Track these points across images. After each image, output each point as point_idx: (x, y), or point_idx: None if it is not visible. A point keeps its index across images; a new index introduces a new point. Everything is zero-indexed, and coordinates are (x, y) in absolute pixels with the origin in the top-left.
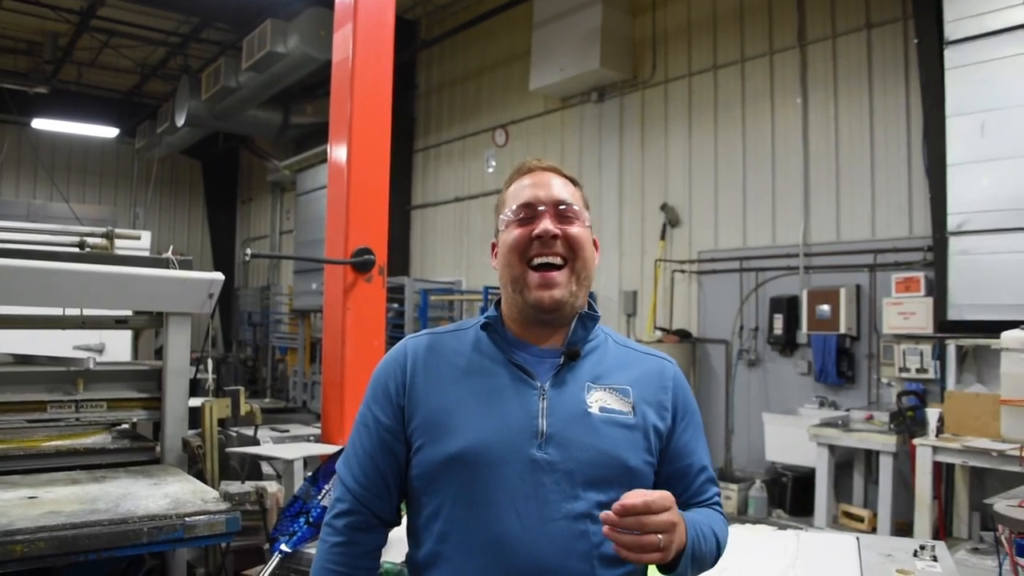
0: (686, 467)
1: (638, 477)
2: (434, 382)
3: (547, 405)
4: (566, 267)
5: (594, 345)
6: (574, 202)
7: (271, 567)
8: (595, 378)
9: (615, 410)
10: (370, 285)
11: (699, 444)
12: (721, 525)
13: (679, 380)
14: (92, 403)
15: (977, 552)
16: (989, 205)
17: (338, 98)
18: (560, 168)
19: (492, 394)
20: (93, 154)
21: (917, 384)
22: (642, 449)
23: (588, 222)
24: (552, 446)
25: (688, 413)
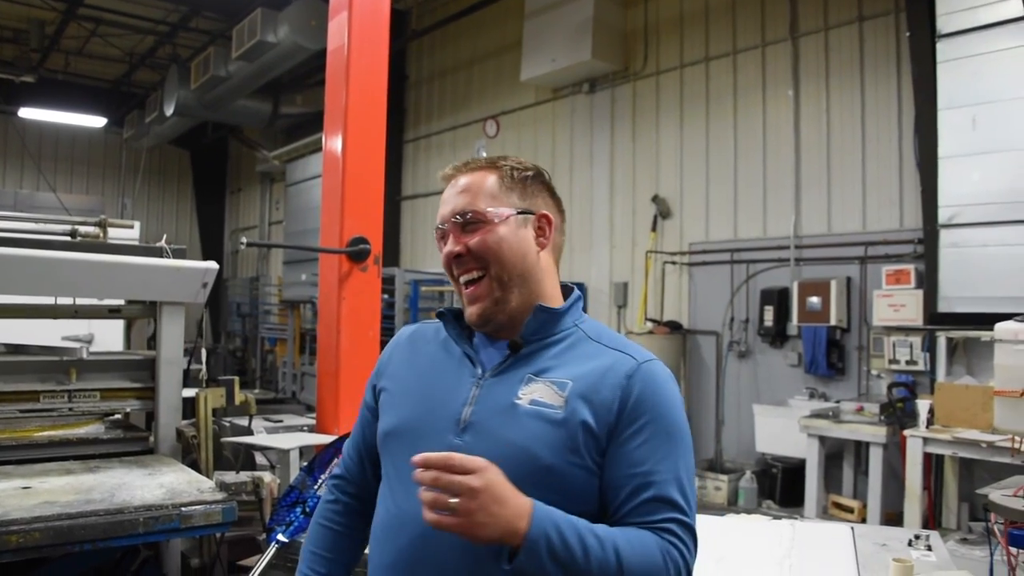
0: (623, 477)
1: (556, 477)
2: (400, 366)
3: (478, 394)
4: (485, 277)
5: (559, 339)
6: (474, 204)
7: (268, 557)
8: (540, 371)
9: (545, 404)
10: (365, 275)
11: (656, 456)
12: (644, 553)
13: (643, 380)
14: (85, 393)
15: (966, 543)
16: (980, 198)
17: (333, 86)
18: (470, 164)
19: (434, 379)
20: (81, 144)
21: (907, 376)
22: (565, 448)
23: (504, 214)
24: (470, 434)
25: (645, 417)
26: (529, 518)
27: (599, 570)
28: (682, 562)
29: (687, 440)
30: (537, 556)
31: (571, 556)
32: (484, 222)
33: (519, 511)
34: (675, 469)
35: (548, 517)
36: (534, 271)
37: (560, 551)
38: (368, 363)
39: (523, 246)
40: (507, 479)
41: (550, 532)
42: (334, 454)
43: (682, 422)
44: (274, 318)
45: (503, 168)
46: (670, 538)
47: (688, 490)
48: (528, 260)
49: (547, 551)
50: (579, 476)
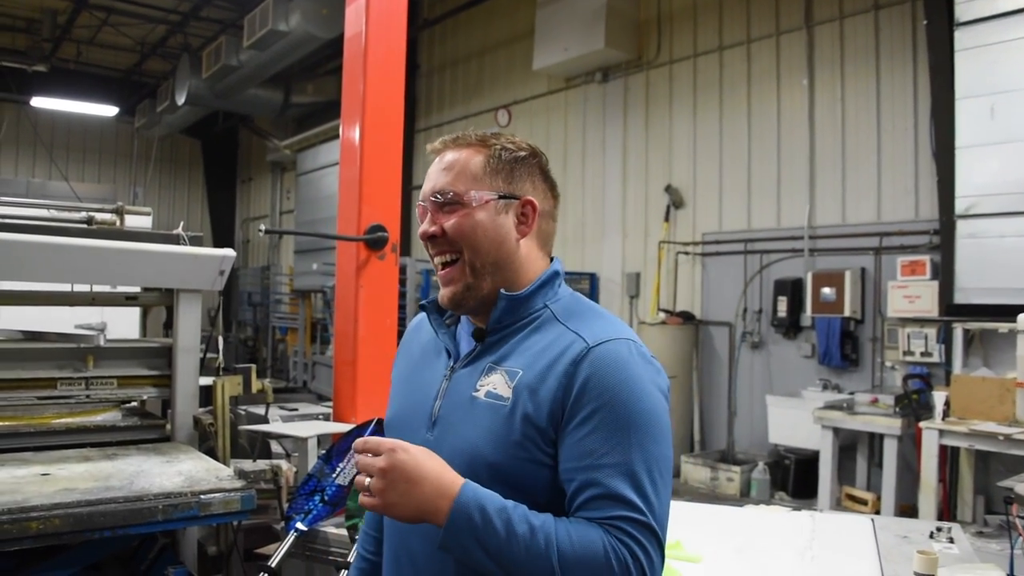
0: (569, 471)
1: (503, 473)
2: (401, 356)
3: (447, 386)
4: (458, 261)
5: (526, 323)
6: (454, 185)
7: (287, 545)
8: (500, 359)
9: (496, 395)
10: (383, 263)
11: (605, 448)
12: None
13: (591, 364)
14: (102, 380)
15: (982, 536)
16: (998, 188)
17: (350, 73)
18: (459, 139)
19: (418, 371)
20: (92, 133)
21: (921, 367)
22: (512, 443)
23: (481, 199)
24: (437, 430)
25: (591, 405)
26: (453, 498)
27: (528, 557)
28: (633, 563)
29: (649, 427)
30: (458, 535)
31: (495, 539)
32: (462, 204)
33: (441, 491)
34: (627, 461)
35: (474, 498)
36: (511, 259)
37: (482, 532)
38: (386, 352)
39: (500, 233)
40: (427, 459)
41: (472, 513)
42: (352, 442)
43: (641, 407)
44: (285, 307)
45: (493, 148)
46: (620, 535)
47: (646, 484)
48: (504, 248)
49: (468, 531)
50: (528, 471)
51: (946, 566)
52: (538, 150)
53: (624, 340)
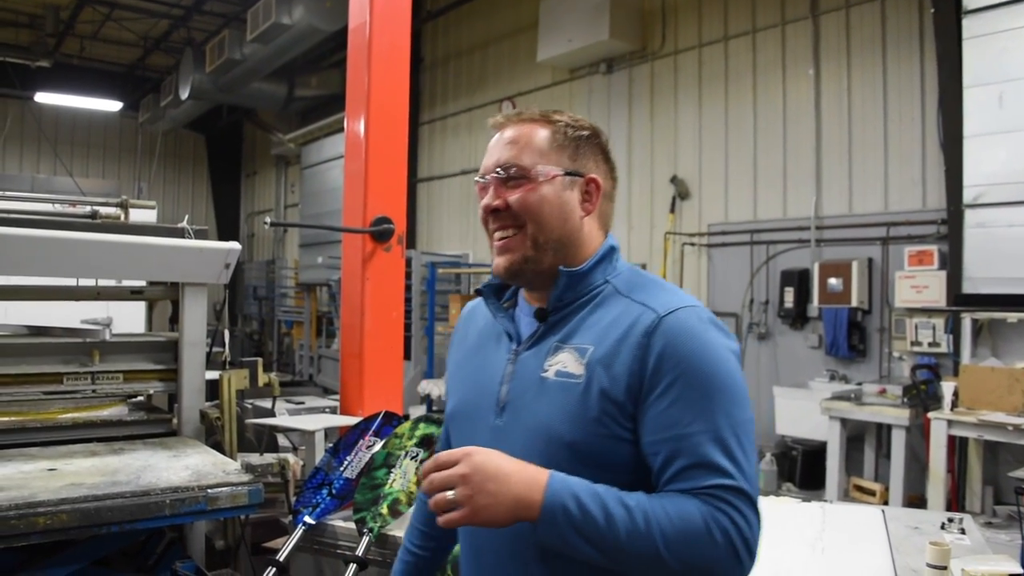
0: (655, 443)
1: (583, 452)
2: (458, 344)
3: (512, 370)
4: (520, 233)
5: (588, 299)
6: (520, 159)
7: (295, 539)
8: (566, 337)
9: (568, 373)
10: (389, 255)
11: (689, 416)
12: (684, 520)
13: (664, 335)
14: (108, 375)
15: (991, 526)
16: (1006, 177)
17: (355, 65)
18: (523, 115)
19: (480, 357)
20: (96, 128)
21: (929, 358)
22: (590, 420)
23: (551, 173)
24: (508, 414)
25: (671, 375)
26: (543, 489)
27: (630, 540)
28: (734, 531)
29: (731, 392)
30: (556, 527)
31: (595, 526)
32: (527, 179)
33: (529, 484)
34: (714, 428)
35: (565, 487)
36: (574, 236)
37: (580, 521)
38: (392, 344)
39: (565, 209)
40: (504, 456)
41: (567, 502)
42: (359, 436)
43: (720, 372)
44: (290, 301)
45: (557, 124)
46: (717, 503)
47: (735, 449)
48: (569, 225)
49: (566, 522)
50: (608, 447)
51: (958, 557)
52: (600, 129)
53: (692, 307)
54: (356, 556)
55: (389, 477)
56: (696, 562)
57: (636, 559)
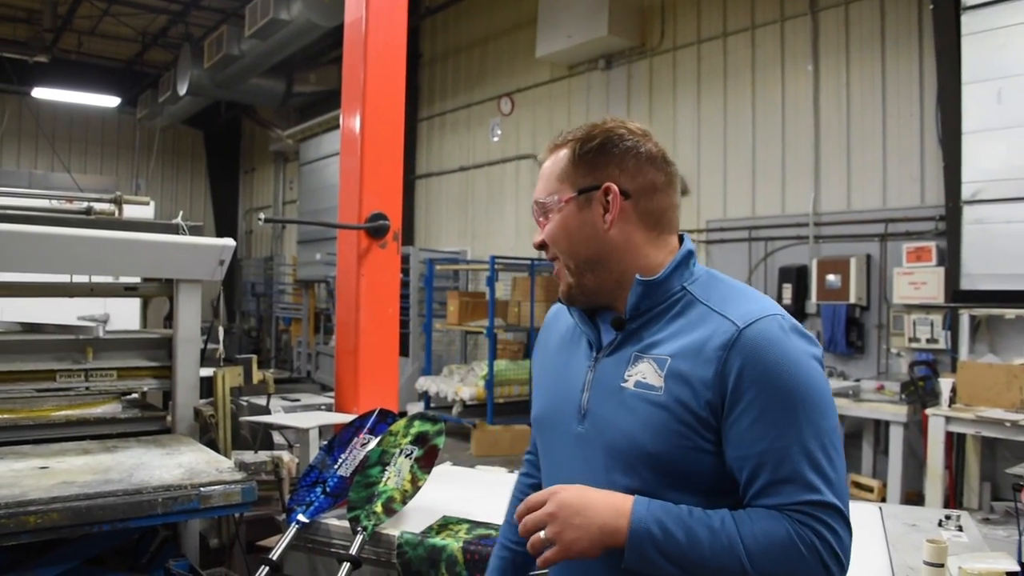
0: (740, 460)
1: (665, 463)
2: (543, 346)
3: (592, 378)
4: (560, 264)
5: (667, 307)
6: (541, 194)
7: (288, 537)
8: (646, 347)
9: (648, 385)
10: (384, 251)
11: (774, 432)
12: (772, 539)
13: (743, 349)
14: (102, 372)
15: (988, 522)
16: (1005, 174)
17: (351, 60)
18: (558, 140)
19: (562, 363)
20: (94, 124)
21: (927, 354)
22: (671, 432)
23: (560, 200)
24: (589, 422)
25: (753, 391)
26: (628, 517)
27: (714, 558)
28: (822, 545)
29: (815, 402)
30: (642, 552)
31: (679, 549)
32: (551, 211)
33: (615, 510)
34: (799, 441)
35: (649, 513)
36: (605, 252)
37: (665, 545)
38: (388, 341)
39: (585, 231)
40: (587, 488)
41: (651, 527)
42: (354, 433)
43: (802, 384)
44: (288, 297)
45: (571, 144)
46: (806, 520)
47: (822, 461)
48: (594, 244)
49: (652, 547)
50: (690, 458)
51: (956, 554)
52: (615, 132)
53: (773, 316)
54: (350, 555)
55: (384, 475)
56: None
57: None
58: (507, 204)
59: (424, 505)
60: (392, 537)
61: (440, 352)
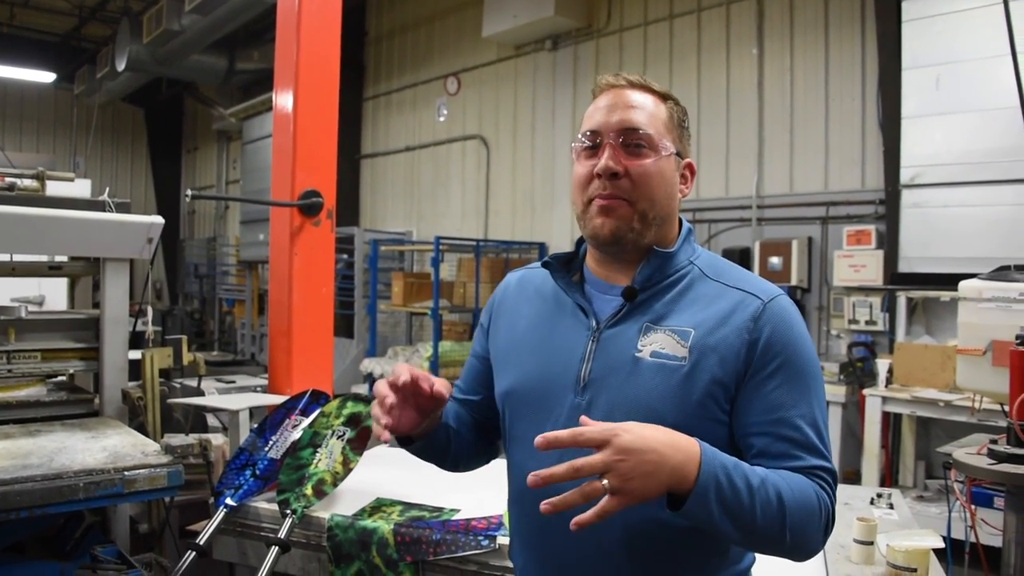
0: (759, 424)
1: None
2: (510, 316)
3: (595, 348)
4: (629, 204)
5: (675, 280)
6: (648, 127)
7: (216, 522)
8: (658, 318)
9: (667, 355)
10: (318, 229)
11: (792, 399)
12: (803, 495)
13: (771, 320)
14: (25, 354)
15: (922, 500)
16: (942, 159)
17: (284, 35)
18: (643, 82)
19: (549, 333)
20: (29, 100)
21: (866, 336)
22: (693, 402)
23: (669, 149)
24: (591, 392)
25: (779, 359)
26: (699, 462)
27: (762, 513)
28: (830, 508)
29: (819, 378)
30: (706, 501)
31: (738, 499)
32: (653, 150)
33: (686, 454)
34: (812, 412)
35: (716, 459)
36: (673, 216)
37: (728, 494)
38: (322, 321)
39: (672, 188)
40: (646, 427)
41: (719, 475)
42: (285, 415)
43: (814, 360)
44: (232, 279)
45: (669, 102)
46: (819, 483)
47: (825, 434)
48: (672, 204)
49: (716, 495)
50: (707, 428)
51: (885, 532)
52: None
53: (785, 295)
54: (279, 538)
55: (315, 457)
56: (805, 537)
57: (761, 534)
58: (453, 185)
59: (358, 487)
60: (322, 520)
61: (385, 333)
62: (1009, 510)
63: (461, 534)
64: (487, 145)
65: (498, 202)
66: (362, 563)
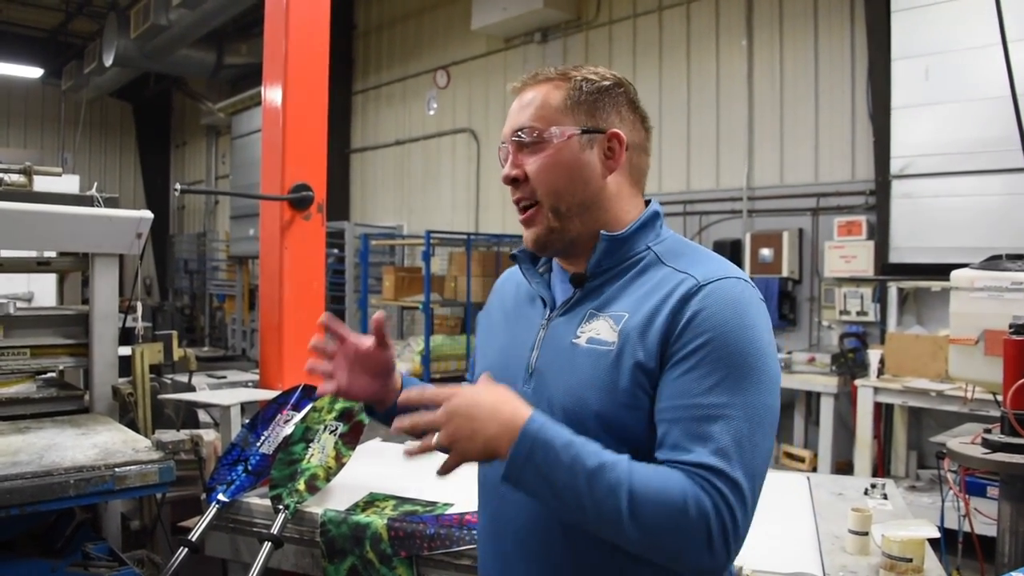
0: (662, 410)
1: (607, 422)
2: (491, 310)
3: (543, 336)
4: (539, 204)
5: (628, 266)
6: (534, 121)
7: (208, 518)
8: (602, 305)
9: (600, 341)
10: (308, 223)
11: (704, 385)
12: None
13: (702, 299)
14: (14, 350)
15: (914, 490)
16: (931, 149)
17: (272, 29)
18: (539, 75)
19: (512, 323)
20: (17, 96)
21: (857, 326)
22: (619, 390)
23: (560, 135)
24: (535, 381)
25: (698, 340)
26: (516, 434)
27: (591, 494)
28: (716, 519)
29: (755, 371)
30: (519, 473)
31: (558, 477)
32: (542, 142)
33: (504, 426)
34: (725, 404)
35: (542, 433)
36: (598, 198)
37: (546, 471)
38: (312, 315)
39: (585, 172)
40: (485, 394)
41: (537, 450)
42: (277, 410)
43: (752, 350)
44: (222, 274)
45: (573, 80)
46: (706, 486)
47: (745, 436)
48: (591, 187)
49: (532, 470)
50: (635, 418)
51: (880, 522)
52: (624, 80)
53: (738, 279)
54: (271, 534)
55: (307, 452)
56: (662, 537)
57: (597, 518)
58: (443, 178)
59: (351, 482)
60: (315, 515)
61: None
62: (1003, 499)
63: (455, 528)
64: (477, 138)
65: (489, 195)
66: (356, 558)
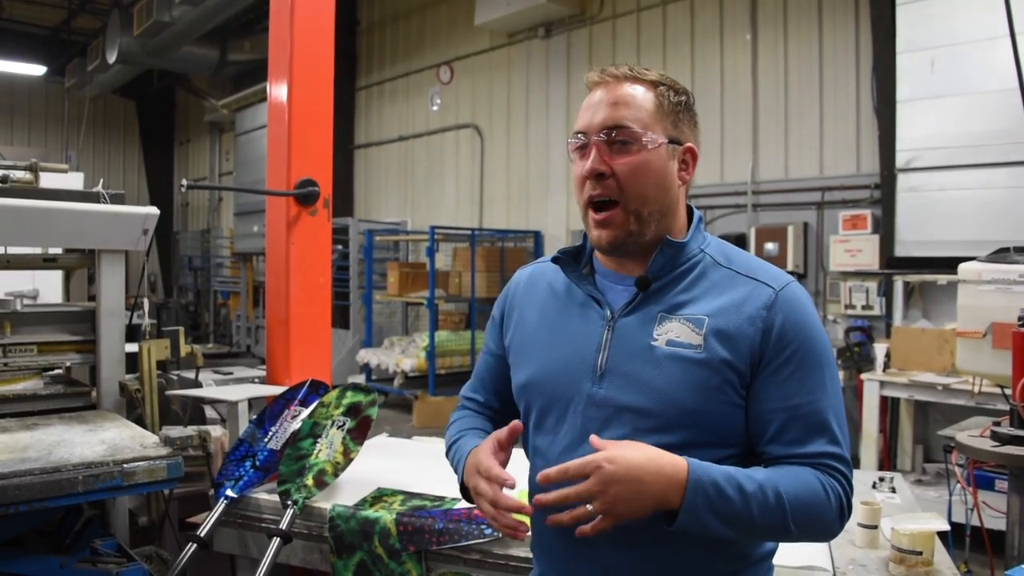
0: (774, 411)
1: (703, 418)
2: (523, 310)
3: (611, 337)
4: (619, 206)
5: (687, 269)
6: (631, 122)
7: (217, 513)
8: (672, 307)
9: (683, 343)
10: (315, 219)
11: (807, 386)
12: (806, 488)
13: (783, 308)
14: (21, 347)
15: (921, 483)
16: (937, 142)
17: (277, 25)
18: (630, 72)
19: (563, 325)
20: (20, 94)
21: (863, 320)
22: (711, 388)
23: (656, 140)
24: (608, 381)
25: (792, 347)
26: (684, 485)
27: (761, 514)
28: (844, 495)
29: (833, 365)
30: (696, 517)
31: (732, 508)
32: (636, 144)
33: (669, 481)
34: (827, 398)
35: (706, 476)
36: (674, 206)
37: (719, 506)
38: (319, 310)
39: (668, 180)
40: (635, 454)
41: (709, 491)
42: (285, 405)
43: (828, 348)
44: (226, 271)
45: (659, 88)
46: (830, 471)
47: (842, 421)
48: (670, 195)
49: (707, 510)
50: (725, 414)
51: (889, 515)
52: (691, 93)
53: (796, 282)
54: (280, 530)
55: (315, 448)
56: (814, 526)
57: (765, 531)
58: (447, 174)
59: (359, 477)
60: (324, 510)
61: (381, 324)
62: (1013, 492)
63: (464, 523)
64: (481, 134)
65: (493, 191)
66: (364, 553)
